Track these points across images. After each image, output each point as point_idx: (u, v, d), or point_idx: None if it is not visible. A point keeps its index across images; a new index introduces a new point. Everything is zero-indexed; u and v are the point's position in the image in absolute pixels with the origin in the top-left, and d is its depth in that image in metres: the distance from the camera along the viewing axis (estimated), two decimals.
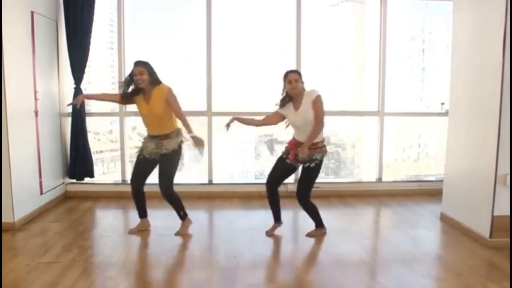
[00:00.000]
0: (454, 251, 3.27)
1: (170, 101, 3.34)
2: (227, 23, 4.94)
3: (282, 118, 3.47)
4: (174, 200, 3.53)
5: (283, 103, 3.41)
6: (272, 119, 3.52)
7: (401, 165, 5.73)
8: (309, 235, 3.56)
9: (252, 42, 5.05)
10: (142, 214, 3.68)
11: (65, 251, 3.18)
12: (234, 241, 3.47)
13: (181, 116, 3.38)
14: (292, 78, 3.30)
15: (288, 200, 4.14)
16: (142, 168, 3.53)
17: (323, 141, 3.40)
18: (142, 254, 3.25)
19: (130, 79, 3.39)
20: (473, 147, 3.56)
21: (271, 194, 3.57)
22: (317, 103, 3.26)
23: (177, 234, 3.58)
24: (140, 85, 3.33)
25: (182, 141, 3.48)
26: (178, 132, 3.49)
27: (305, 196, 3.45)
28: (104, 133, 5.46)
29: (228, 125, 3.45)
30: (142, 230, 3.66)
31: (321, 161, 3.38)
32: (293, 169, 3.53)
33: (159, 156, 3.44)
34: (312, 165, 3.35)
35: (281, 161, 3.51)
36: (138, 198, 3.60)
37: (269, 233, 3.60)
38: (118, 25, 4.74)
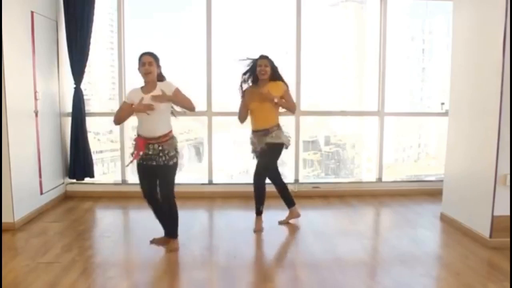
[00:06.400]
0: (454, 251, 3.27)
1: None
2: (227, 23, 4.94)
3: None
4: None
5: None
6: None
7: (401, 165, 5.72)
8: None
9: (252, 42, 5.04)
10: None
11: (65, 251, 3.18)
12: (234, 241, 3.47)
13: None
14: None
15: None
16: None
17: None
18: (142, 254, 3.24)
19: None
20: (473, 147, 3.56)
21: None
22: None
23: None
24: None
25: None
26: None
27: None
28: (104, 133, 5.45)
29: None
30: None
31: None
32: None
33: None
34: None
35: None
36: None
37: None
38: (118, 25, 4.74)
